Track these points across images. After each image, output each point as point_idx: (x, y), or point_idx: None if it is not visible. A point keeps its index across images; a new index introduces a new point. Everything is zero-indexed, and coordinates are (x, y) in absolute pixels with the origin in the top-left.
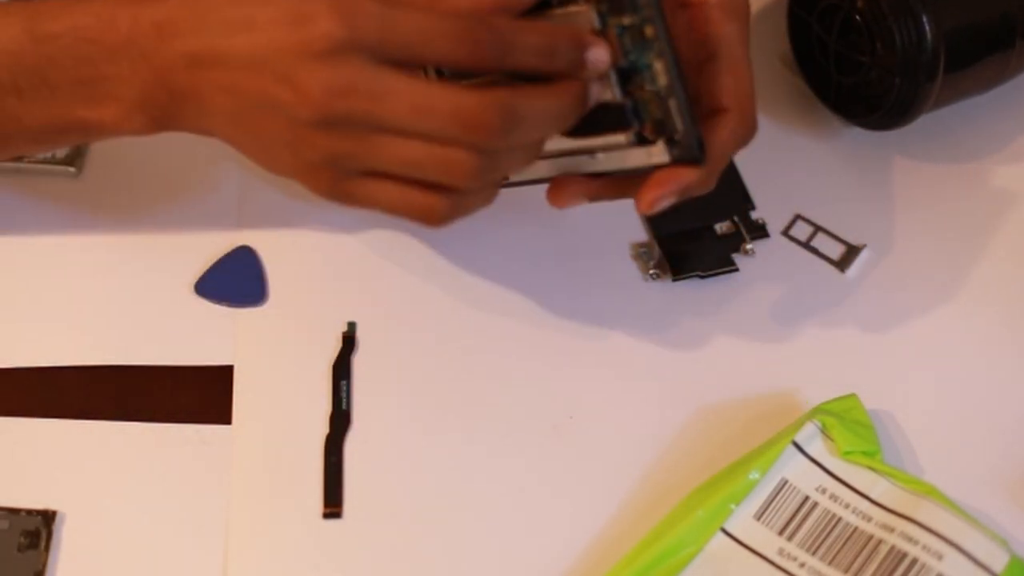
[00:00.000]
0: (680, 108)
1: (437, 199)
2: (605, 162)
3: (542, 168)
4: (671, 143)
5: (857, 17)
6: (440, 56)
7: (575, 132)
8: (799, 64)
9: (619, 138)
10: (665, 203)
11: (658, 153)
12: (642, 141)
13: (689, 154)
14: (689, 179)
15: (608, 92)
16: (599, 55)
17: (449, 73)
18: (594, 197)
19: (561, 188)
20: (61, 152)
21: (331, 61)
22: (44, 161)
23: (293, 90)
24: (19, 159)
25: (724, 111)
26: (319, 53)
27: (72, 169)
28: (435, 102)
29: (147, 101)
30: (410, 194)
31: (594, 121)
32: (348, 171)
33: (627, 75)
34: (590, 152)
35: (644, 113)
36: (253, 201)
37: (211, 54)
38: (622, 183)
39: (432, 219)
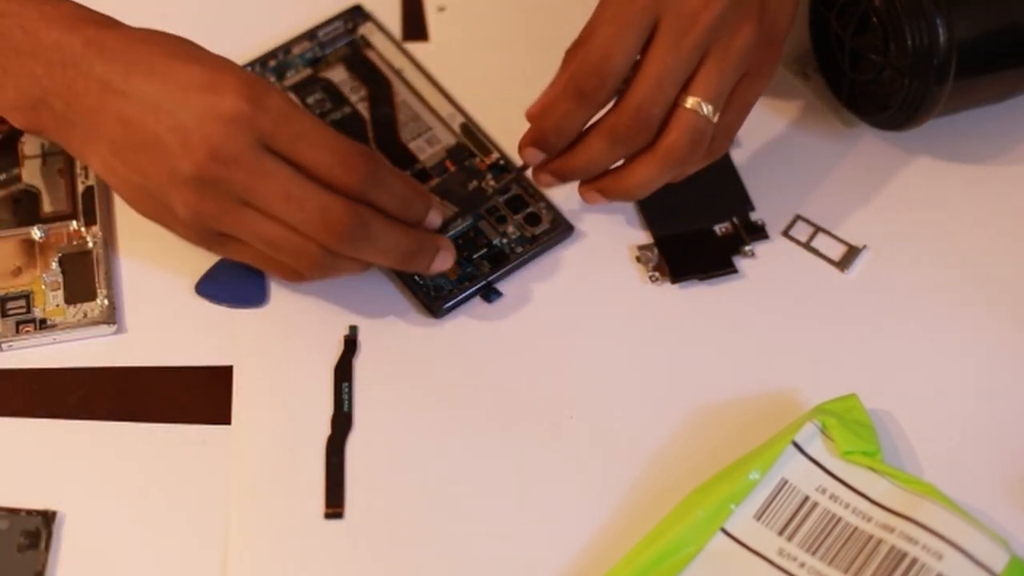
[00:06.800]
0: None
1: (295, 269)
2: None
3: None
4: None
5: (874, 17)
6: (318, 164)
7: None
8: (817, 58)
9: None
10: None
11: None
12: None
13: None
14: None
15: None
16: (435, 218)
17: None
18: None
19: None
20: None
21: (226, 130)
22: None
23: (182, 142)
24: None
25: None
26: (218, 119)
27: None
28: (307, 196)
29: (44, 104)
30: (267, 260)
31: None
32: (207, 230)
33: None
34: None
35: None
36: None
37: (124, 86)
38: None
39: (293, 279)
